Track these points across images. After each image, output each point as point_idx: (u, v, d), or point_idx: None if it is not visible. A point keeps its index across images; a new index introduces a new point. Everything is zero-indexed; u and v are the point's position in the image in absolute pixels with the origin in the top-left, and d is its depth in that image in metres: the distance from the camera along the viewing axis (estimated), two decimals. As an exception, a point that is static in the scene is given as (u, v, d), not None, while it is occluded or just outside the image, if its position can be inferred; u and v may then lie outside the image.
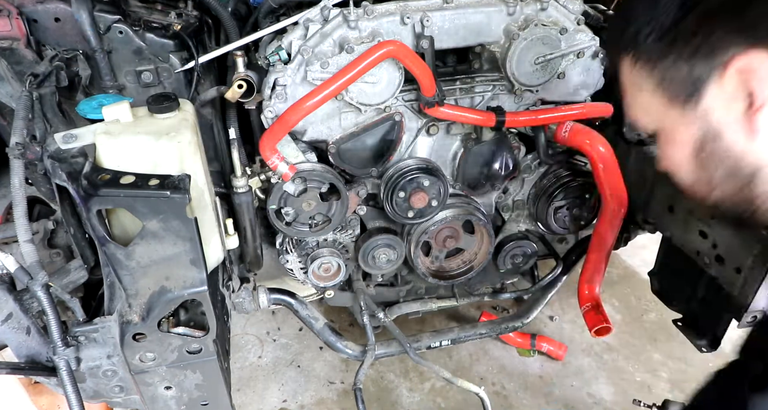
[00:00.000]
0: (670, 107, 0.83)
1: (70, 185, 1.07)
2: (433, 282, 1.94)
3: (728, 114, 0.78)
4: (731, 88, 0.76)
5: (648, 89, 0.85)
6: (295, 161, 1.53)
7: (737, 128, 0.78)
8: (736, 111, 0.78)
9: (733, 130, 0.79)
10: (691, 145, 0.84)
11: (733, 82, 0.76)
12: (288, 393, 2.29)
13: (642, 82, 0.86)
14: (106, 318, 1.15)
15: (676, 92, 0.81)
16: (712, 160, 0.83)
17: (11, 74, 1.32)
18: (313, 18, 1.45)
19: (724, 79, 0.76)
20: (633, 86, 0.88)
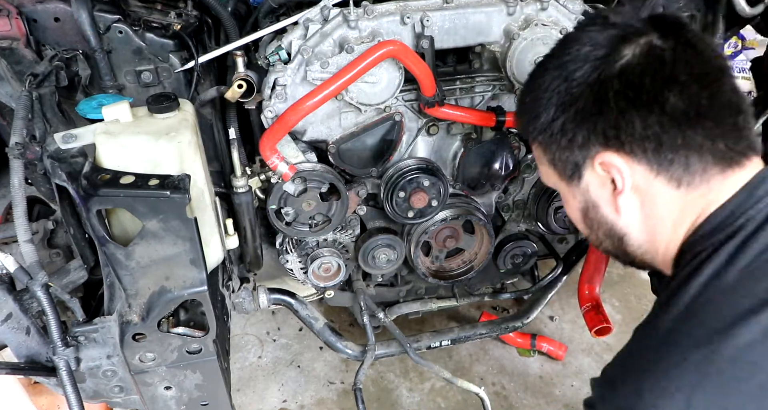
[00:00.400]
0: (561, 180, 1.03)
1: (70, 184, 1.07)
2: (433, 282, 1.94)
3: (601, 193, 0.98)
4: (601, 174, 0.96)
5: (545, 163, 1.05)
6: (295, 161, 1.53)
7: (608, 204, 0.98)
8: (607, 191, 0.97)
9: (605, 205, 0.99)
10: (579, 210, 1.05)
11: (600, 170, 0.95)
12: (288, 393, 2.29)
13: (540, 156, 1.05)
14: (105, 318, 1.15)
15: (562, 171, 1.01)
16: (595, 222, 1.03)
17: (11, 74, 1.32)
18: (313, 18, 1.45)
19: (595, 168, 0.95)
20: (537, 158, 1.08)
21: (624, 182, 0.93)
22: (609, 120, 0.91)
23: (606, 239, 1.05)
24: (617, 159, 0.92)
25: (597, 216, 1.02)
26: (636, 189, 0.94)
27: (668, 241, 0.97)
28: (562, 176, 1.02)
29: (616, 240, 1.03)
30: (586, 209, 1.03)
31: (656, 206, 0.95)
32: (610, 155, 0.92)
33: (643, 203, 0.95)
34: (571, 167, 0.99)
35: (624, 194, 0.94)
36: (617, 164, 0.92)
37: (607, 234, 1.03)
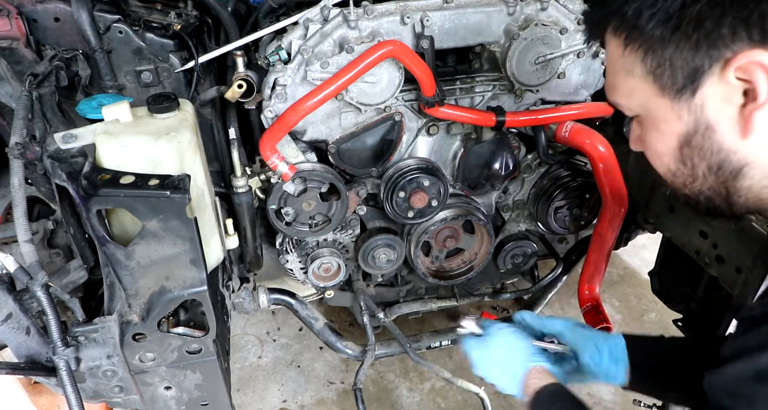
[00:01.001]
0: (661, 96, 0.81)
1: (70, 185, 1.07)
2: (433, 282, 1.94)
3: (724, 110, 0.76)
4: (732, 83, 0.74)
5: (638, 75, 0.82)
6: (295, 161, 1.53)
7: (731, 125, 0.77)
8: (732, 107, 0.76)
9: (727, 126, 0.77)
10: (678, 137, 0.82)
11: (735, 77, 0.73)
12: (288, 393, 2.28)
13: (633, 66, 0.82)
14: (105, 318, 1.15)
15: (670, 82, 0.79)
16: (698, 153, 0.82)
17: (11, 74, 1.32)
18: (313, 18, 1.45)
19: (727, 74, 0.73)
20: (621, 69, 0.84)
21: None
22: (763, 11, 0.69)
23: (709, 176, 0.83)
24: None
25: (706, 144, 0.80)
26: None
27: None
28: (666, 90, 0.79)
29: (726, 175, 0.81)
30: (691, 134, 0.80)
31: None
32: (762, 54, 0.70)
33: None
34: (686, 74, 0.76)
35: (764, 108, 0.73)
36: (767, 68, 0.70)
37: (713, 168, 0.82)
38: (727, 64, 0.73)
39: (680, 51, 0.75)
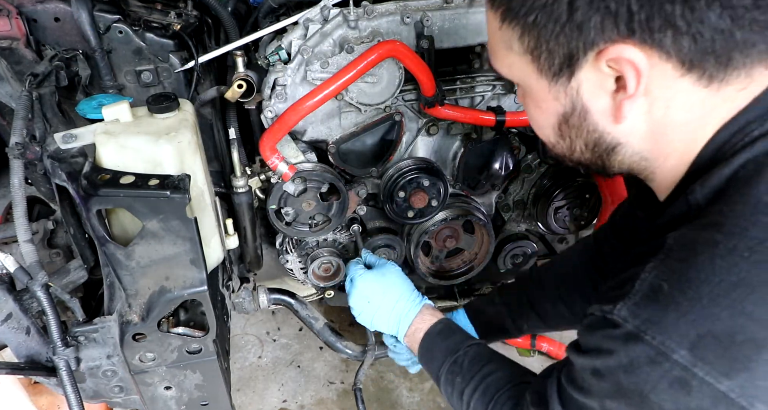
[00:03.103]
0: (539, 77, 0.82)
1: (70, 184, 1.07)
2: (433, 282, 1.94)
3: (598, 95, 0.79)
4: (605, 71, 0.76)
5: (517, 51, 0.82)
6: (295, 161, 1.53)
7: (603, 110, 0.80)
8: (605, 94, 0.79)
9: (600, 110, 0.81)
10: (557, 115, 0.85)
11: (607, 68, 0.75)
12: (288, 393, 2.29)
13: (511, 42, 0.82)
14: (105, 318, 1.15)
15: (547, 65, 0.80)
16: (575, 132, 0.85)
17: (11, 74, 1.32)
18: (313, 18, 1.45)
19: (600, 63, 0.75)
20: (500, 42, 0.84)
21: (639, 83, 0.74)
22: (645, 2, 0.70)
23: (585, 151, 0.88)
24: (638, 55, 0.72)
25: (581, 124, 0.84)
26: (648, 91, 0.76)
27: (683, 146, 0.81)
28: (542, 71, 0.81)
29: (601, 151, 0.87)
30: (567, 114, 0.84)
31: (673, 109, 0.77)
32: (630, 49, 0.72)
33: (653, 106, 0.78)
34: (562, 59, 0.78)
35: (634, 98, 0.76)
36: (637, 60, 0.72)
37: (590, 145, 0.87)
38: (599, 55, 0.74)
39: (555, 37, 0.76)
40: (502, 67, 0.88)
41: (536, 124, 0.93)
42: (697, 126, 0.79)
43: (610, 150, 0.85)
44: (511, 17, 0.79)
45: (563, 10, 0.73)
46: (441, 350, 1.27)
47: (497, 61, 0.88)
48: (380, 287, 1.40)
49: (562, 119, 0.85)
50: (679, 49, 0.71)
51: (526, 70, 0.83)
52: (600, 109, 0.80)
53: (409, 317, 1.37)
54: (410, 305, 1.38)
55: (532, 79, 0.84)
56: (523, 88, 0.89)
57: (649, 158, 0.85)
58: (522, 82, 0.87)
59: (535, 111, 0.90)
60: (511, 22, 0.79)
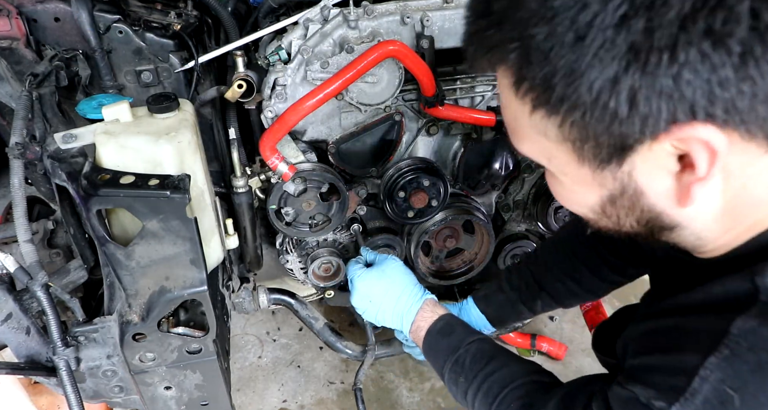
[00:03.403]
0: (580, 165, 0.69)
1: (70, 184, 1.07)
2: (433, 282, 1.94)
3: (657, 176, 0.67)
4: (667, 150, 0.63)
5: (552, 138, 0.68)
6: (295, 160, 1.53)
7: (666, 192, 0.68)
8: (667, 176, 0.66)
9: (659, 192, 0.68)
10: (600, 198, 0.74)
11: (670, 147, 0.63)
12: (288, 393, 2.28)
13: (545, 129, 0.67)
14: (105, 318, 1.15)
15: (592, 154, 0.66)
16: (624, 211, 0.73)
17: (11, 74, 1.32)
18: (313, 18, 1.45)
19: (662, 143, 0.62)
20: (529, 127, 0.69)
21: (714, 165, 0.61)
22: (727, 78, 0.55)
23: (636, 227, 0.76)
24: (717, 135, 0.59)
25: (634, 204, 0.71)
26: (726, 171, 0.63)
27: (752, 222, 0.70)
28: (585, 159, 0.68)
29: (656, 229, 0.74)
30: (615, 197, 0.71)
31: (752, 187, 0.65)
32: (708, 129, 0.58)
33: (727, 185, 0.65)
34: (613, 147, 0.64)
35: (706, 180, 0.63)
36: (714, 141, 0.59)
37: (642, 222, 0.74)
38: (662, 137, 0.61)
39: (607, 129, 0.62)
40: (530, 152, 0.75)
41: (568, 203, 0.80)
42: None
43: (667, 229, 0.74)
44: (548, 109, 0.64)
45: (622, 103, 0.59)
46: (442, 349, 1.25)
47: (523, 144, 0.74)
48: (380, 285, 1.40)
49: (608, 201, 0.73)
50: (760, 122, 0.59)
51: (563, 157, 0.70)
52: (660, 191, 0.68)
53: (411, 313, 1.35)
54: (411, 301, 1.36)
55: (570, 166, 0.71)
56: (555, 172, 0.75)
57: (707, 238, 0.75)
58: (556, 168, 0.74)
59: (569, 193, 0.77)
60: (548, 112, 0.65)
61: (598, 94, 0.59)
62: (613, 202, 0.72)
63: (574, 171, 0.71)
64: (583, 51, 0.57)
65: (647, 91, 0.57)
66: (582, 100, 0.60)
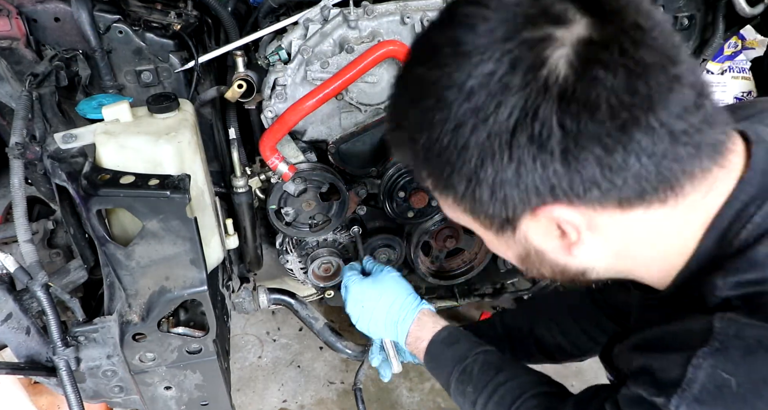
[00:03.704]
0: (486, 230, 0.81)
1: (70, 184, 1.07)
2: (433, 282, 1.94)
3: (546, 241, 0.78)
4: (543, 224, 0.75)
5: (457, 208, 0.79)
6: (295, 160, 1.53)
7: (558, 250, 0.79)
8: (553, 239, 0.77)
9: (554, 249, 0.79)
10: (514, 255, 0.86)
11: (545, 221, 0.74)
12: (288, 393, 2.29)
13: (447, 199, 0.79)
14: (105, 318, 1.15)
15: (488, 223, 0.78)
16: (538, 264, 0.84)
17: (11, 74, 1.32)
18: (313, 18, 1.45)
19: (537, 218, 0.74)
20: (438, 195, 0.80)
21: (580, 234, 0.74)
22: (558, 171, 0.68)
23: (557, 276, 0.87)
24: (569, 213, 0.72)
25: (542, 261, 0.83)
26: (596, 229, 0.75)
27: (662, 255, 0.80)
28: (486, 227, 0.80)
29: (572, 275, 0.86)
30: (524, 256, 0.84)
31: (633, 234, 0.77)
32: (560, 209, 0.72)
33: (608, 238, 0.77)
34: (499, 222, 0.77)
35: (579, 242, 0.76)
36: (569, 218, 0.72)
37: (557, 273, 0.85)
38: (533, 212, 0.73)
39: (486, 208, 0.74)
40: (453, 217, 0.85)
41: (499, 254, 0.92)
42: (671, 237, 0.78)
43: (581, 274, 0.85)
44: (441, 192, 0.78)
45: (484, 191, 0.72)
46: (448, 358, 1.23)
47: (446, 212, 0.86)
48: (374, 291, 1.37)
49: (521, 258, 0.85)
50: (610, 197, 0.70)
51: (472, 224, 0.82)
52: (554, 248, 0.79)
53: (406, 322, 1.33)
54: (406, 309, 1.34)
55: (480, 231, 0.83)
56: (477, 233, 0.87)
57: (625, 270, 0.84)
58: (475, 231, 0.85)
59: (494, 249, 0.89)
60: (439, 193, 0.78)
61: (467, 184, 0.72)
62: (525, 259, 0.85)
63: (485, 235, 0.84)
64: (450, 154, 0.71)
65: (500, 182, 0.70)
66: (459, 189, 0.74)
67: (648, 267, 0.83)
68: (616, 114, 0.65)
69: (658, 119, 0.66)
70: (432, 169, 0.75)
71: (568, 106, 0.65)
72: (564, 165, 0.67)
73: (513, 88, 0.65)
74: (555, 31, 0.66)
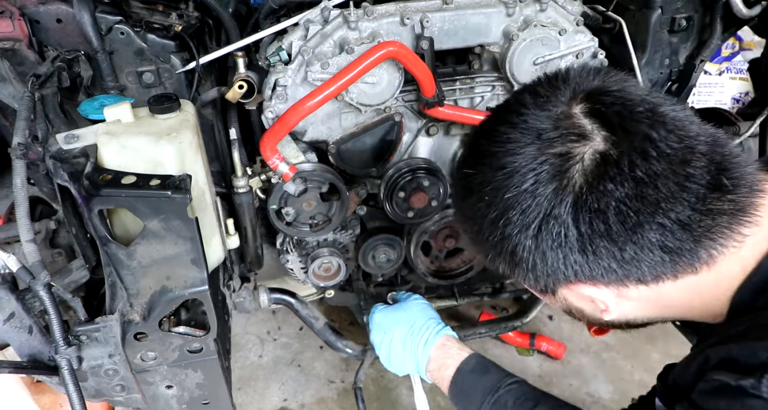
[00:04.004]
0: (534, 289, 0.94)
1: (72, 185, 1.07)
2: (432, 282, 1.94)
3: (583, 305, 0.92)
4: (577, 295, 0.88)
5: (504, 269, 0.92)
6: (296, 161, 1.53)
7: (594, 312, 0.92)
8: (588, 304, 0.91)
9: (592, 313, 0.93)
10: (558, 307, 0.98)
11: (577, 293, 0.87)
12: (288, 392, 2.29)
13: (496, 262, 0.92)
14: (107, 317, 1.15)
15: (532, 285, 0.91)
16: (585, 318, 0.97)
17: (13, 75, 1.32)
18: (313, 19, 1.46)
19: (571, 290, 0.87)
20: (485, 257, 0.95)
21: (607, 306, 0.88)
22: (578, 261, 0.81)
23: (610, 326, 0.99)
24: (595, 291, 0.85)
25: (584, 317, 0.97)
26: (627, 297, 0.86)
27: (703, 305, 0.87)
28: (535, 289, 0.95)
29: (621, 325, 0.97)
30: (569, 311, 0.98)
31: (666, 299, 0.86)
32: (585, 288, 0.85)
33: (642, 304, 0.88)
34: (541, 286, 0.90)
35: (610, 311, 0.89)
36: (594, 294, 0.86)
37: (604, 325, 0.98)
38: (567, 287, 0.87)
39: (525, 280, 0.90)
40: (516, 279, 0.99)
41: None
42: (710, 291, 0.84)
43: (626, 323, 0.96)
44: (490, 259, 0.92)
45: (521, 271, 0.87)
46: (477, 390, 1.20)
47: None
48: (396, 315, 1.37)
49: (567, 312, 0.99)
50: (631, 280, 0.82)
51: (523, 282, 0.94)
52: (591, 310, 0.93)
53: (428, 346, 1.30)
54: (427, 334, 1.31)
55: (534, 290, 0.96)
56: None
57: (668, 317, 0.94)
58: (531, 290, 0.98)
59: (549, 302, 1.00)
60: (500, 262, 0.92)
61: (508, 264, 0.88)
62: (569, 313, 0.99)
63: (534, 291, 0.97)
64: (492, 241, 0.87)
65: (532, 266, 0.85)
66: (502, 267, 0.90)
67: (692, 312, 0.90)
68: (624, 219, 0.76)
69: (668, 217, 0.76)
70: (480, 247, 0.92)
71: (581, 211, 0.78)
72: (582, 256, 0.80)
73: (538, 196, 0.80)
74: (575, 148, 0.79)
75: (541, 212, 0.80)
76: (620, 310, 0.89)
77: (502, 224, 0.84)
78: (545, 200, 0.79)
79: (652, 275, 0.80)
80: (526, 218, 0.81)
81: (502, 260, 0.89)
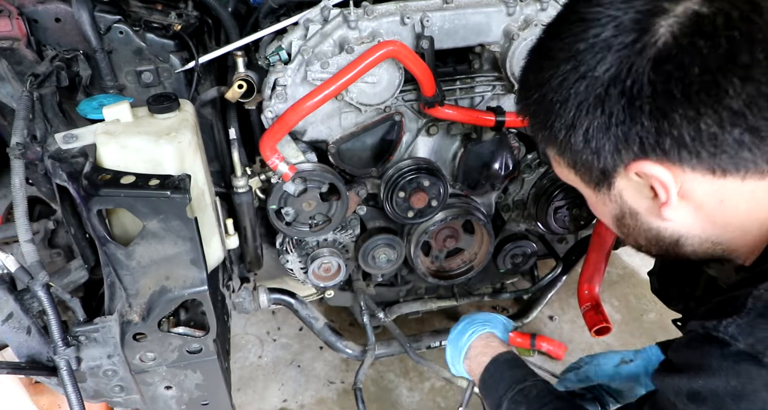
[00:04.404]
0: (585, 186, 0.87)
1: (71, 185, 1.07)
2: (433, 282, 1.94)
3: (640, 200, 0.82)
4: (637, 180, 0.79)
5: (563, 165, 0.87)
6: (295, 161, 1.53)
7: (651, 211, 0.82)
8: (646, 199, 0.81)
9: (646, 213, 0.83)
10: (611, 216, 0.89)
11: (636, 178, 0.78)
12: (288, 393, 2.29)
13: (556, 159, 0.88)
14: (106, 317, 1.15)
15: (587, 178, 0.84)
16: (633, 229, 0.88)
17: (12, 74, 1.32)
18: (313, 18, 1.46)
19: (629, 175, 0.78)
20: (552, 158, 0.90)
21: (669, 193, 0.76)
22: (646, 126, 0.72)
23: (652, 245, 0.89)
24: (659, 169, 0.74)
25: (636, 224, 0.86)
26: (686, 195, 0.77)
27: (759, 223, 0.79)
28: (586, 183, 0.86)
29: (666, 245, 0.87)
30: (620, 216, 0.87)
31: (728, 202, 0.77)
32: (650, 166, 0.74)
33: (701, 205, 0.78)
34: (597, 174, 0.81)
35: (669, 205, 0.78)
36: (659, 175, 0.75)
37: (652, 240, 0.88)
38: (626, 169, 0.78)
39: (582, 158, 0.81)
40: (560, 175, 0.92)
41: (598, 216, 0.96)
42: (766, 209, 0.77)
43: (674, 243, 0.86)
44: (545, 142, 0.85)
45: (579, 139, 0.78)
46: (506, 378, 1.23)
47: (556, 170, 0.93)
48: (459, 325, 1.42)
49: (617, 220, 0.89)
50: (702, 162, 0.72)
51: (574, 180, 0.88)
52: (646, 211, 0.83)
53: (471, 337, 1.35)
54: (476, 328, 1.37)
55: (581, 187, 0.89)
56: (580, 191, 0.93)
57: (722, 241, 0.84)
58: (577, 188, 0.91)
59: (597, 213, 0.94)
60: (547, 144, 0.86)
61: (565, 132, 0.79)
62: (621, 220, 0.88)
63: (585, 191, 0.89)
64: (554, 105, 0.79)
65: (593, 131, 0.76)
66: (559, 137, 0.81)
67: (744, 237, 0.82)
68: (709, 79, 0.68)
69: (758, 89, 0.67)
70: (540, 121, 0.83)
71: (661, 66, 0.69)
72: (652, 121, 0.71)
73: (615, 47, 0.72)
74: (666, 3, 0.71)
75: (614, 66, 0.72)
76: (679, 214, 0.79)
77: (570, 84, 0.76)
78: (622, 53, 0.71)
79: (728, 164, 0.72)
80: (595, 73, 0.73)
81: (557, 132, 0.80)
